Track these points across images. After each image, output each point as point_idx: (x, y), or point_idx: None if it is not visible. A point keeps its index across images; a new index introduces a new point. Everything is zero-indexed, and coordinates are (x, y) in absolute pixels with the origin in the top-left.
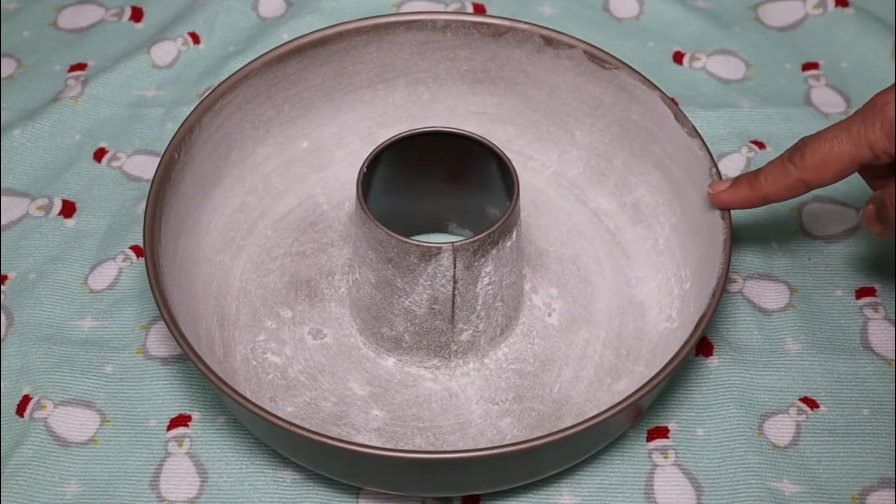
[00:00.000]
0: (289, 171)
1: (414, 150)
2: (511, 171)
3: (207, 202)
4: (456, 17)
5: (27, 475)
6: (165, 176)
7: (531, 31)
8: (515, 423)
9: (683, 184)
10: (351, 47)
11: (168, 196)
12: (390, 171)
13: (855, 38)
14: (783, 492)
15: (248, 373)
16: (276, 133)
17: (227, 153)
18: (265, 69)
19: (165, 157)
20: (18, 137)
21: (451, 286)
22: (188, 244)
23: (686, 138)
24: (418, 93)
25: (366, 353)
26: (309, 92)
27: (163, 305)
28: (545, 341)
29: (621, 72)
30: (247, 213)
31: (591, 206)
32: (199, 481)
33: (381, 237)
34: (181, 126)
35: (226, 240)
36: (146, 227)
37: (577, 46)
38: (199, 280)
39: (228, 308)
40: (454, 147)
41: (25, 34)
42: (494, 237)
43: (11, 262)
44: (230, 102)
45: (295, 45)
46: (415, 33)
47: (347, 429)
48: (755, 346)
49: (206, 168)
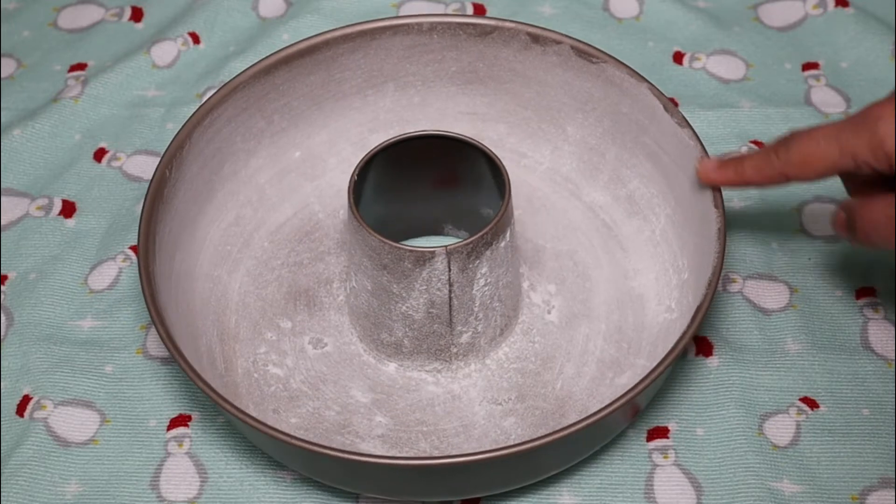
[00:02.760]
0: (282, 181)
1: (404, 155)
2: (502, 170)
3: (202, 217)
4: (441, 20)
5: (27, 475)
6: (158, 193)
7: (517, 29)
8: (519, 423)
9: (676, 174)
10: (338, 55)
11: (161, 213)
12: (382, 177)
13: (855, 38)
14: (783, 492)
15: (251, 386)
16: (267, 144)
17: (220, 167)
18: (253, 81)
19: (157, 175)
20: (18, 137)
21: (447, 289)
22: (184, 260)
23: (676, 129)
24: (408, 96)
25: (367, 360)
26: (298, 101)
27: (160, 323)
28: (546, 339)
29: (609, 65)
30: (242, 226)
31: (585, 201)
32: (199, 481)
33: (374, 244)
34: (171, 143)
35: (222, 254)
36: (140, 245)
37: (563, 42)
38: (196, 295)
39: (228, 322)
40: (444, 149)
41: (25, 34)
42: (488, 238)
43: (11, 262)
44: (220, 116)
45: (282, 55)
46: (401, 37)
47: (351, 437)
48: (755, 346)
49: (199, 183)
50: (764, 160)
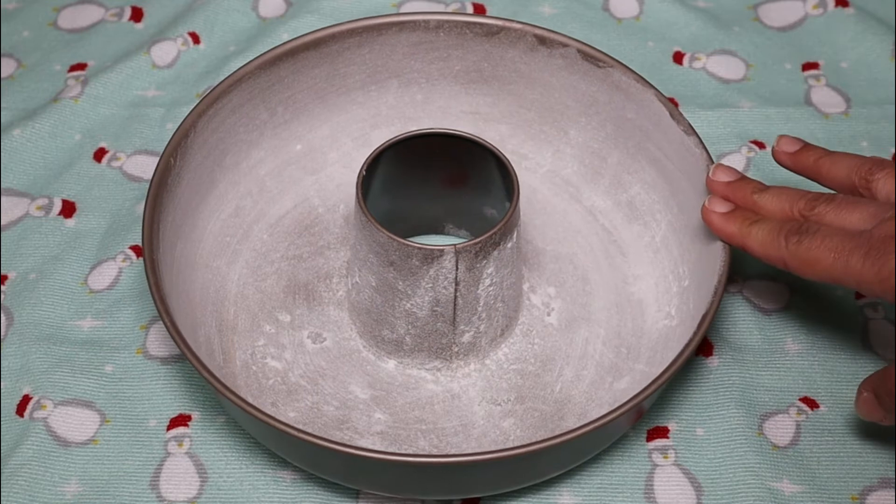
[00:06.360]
0: (283, 174)
1: (412, 152)
2: (511, 172)
3: (203, 207)
4: (448, 18)
5: (27, 475)
6: (162, 182)
7: (524, 30)
8: (518, 424)
9: (680, 181)
10: (343, 49)
11: (165, 202)
12: (389, 173)
13: (855, 38)
14: (783, 492)
15: (249, 378)
16: (269, 136)
17: (222, 157)
18: (258, 72)
19: (161, 163)
20: (18, 137)
21: (452, 288)
22: (184, 250)
23: (682, 136)
24: (411, 93)
25: (366, 357)
26: (302, 94)
27: (164, 313)
28: (545, 341)
29: (615, 70)
30: (242, 218)
31: (586, 205)
32: (199, 481)
33: (382, 240)
34: (176, 131)
35: (221, 245)
36: (145, 234)
37: (570, 45)
38: (196, 286)
39: (227, 313)
40: (453, 149)
41: (25, 34)
42: (496, 238)
43: (11, 262)
44: (224, 106)
45: (287, 47)
46: (407, 34)
47: (350, 433)
48: (755, 346)
49: (202, 173)
50: (772, 240)
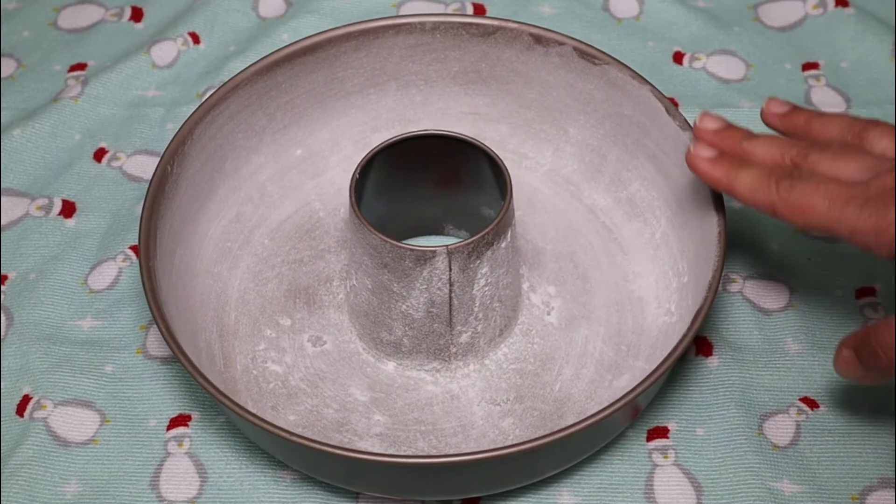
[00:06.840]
0: (283, 179)
1: (406, 154)
2: (503, 171)
3: (203, 213)
4: (444, 19)
5: (27, 475)
6: (159, 189)
7: (520, 29)
8: (518, 424)
9: (677, 177)
10: (341, 53)
11: (163, 209)
12: (383, 176)
13: (855, 38)
14: (783, 492)
15: (249, 382)
16: (269, 142)
17: (221, 164)
18: (256, 78)
19: (158, 171)
20: (18, 137)
21: (447, 289)
22: (184, 256)
23: (678, 131)
24: (410, 95)
25: (366, 359)
26: (301, 99)
27: (160, 319)
28: (545, 340)
29: (611, 67)
30: (243, 223)
31: (586, 203)
32: (199, 481)
33: (375, 243)
34: (173, 139)
35: (222, 250)
36: (141, 240)
37: (566, 43)
38: (197, 292)
39: (227, 318)
40: (446, 149)
41: (25, 34)
42: (489, 238)
43: (11, 262)
44: (222, 113)
45: (285, 52)
46: (404, 36)
47: (350, 435)
48: (755, 346)
49: (200, 179)
50: (762, 184)
